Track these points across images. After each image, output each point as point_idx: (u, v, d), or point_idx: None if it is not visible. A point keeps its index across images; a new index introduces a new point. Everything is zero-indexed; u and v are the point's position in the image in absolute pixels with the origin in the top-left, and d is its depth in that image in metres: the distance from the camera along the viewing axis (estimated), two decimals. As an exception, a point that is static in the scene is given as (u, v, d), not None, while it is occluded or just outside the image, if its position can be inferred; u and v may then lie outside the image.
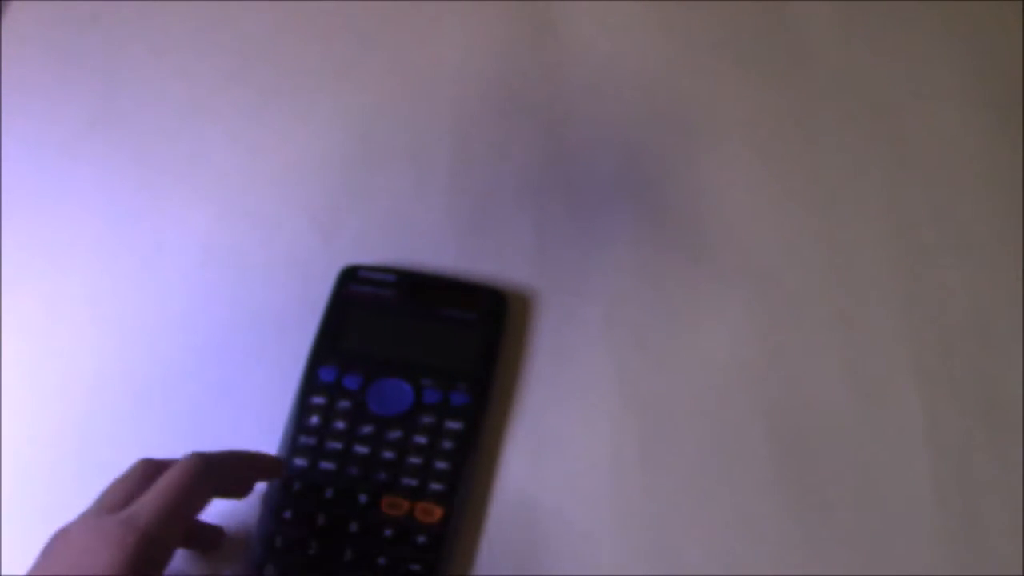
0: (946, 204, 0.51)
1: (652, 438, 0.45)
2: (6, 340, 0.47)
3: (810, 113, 0.54)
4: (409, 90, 0.55)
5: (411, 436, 0.43)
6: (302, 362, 0.45)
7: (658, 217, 0.51)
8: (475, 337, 0.46)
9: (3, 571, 0.41)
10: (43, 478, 0.44)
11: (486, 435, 0.44)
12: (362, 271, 0.47)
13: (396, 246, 0.50)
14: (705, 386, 0.46)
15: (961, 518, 0.43)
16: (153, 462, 0.37)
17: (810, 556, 0.42)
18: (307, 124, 0.53)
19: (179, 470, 0.36)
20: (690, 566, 0.42)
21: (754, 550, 0.42)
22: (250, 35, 0.56)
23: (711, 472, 0.44)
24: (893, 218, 0.51)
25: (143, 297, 0.48)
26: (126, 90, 0.54)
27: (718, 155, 0.53)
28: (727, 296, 0.48)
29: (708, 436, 0.45)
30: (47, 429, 0.45)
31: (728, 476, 0.44)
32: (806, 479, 0.44)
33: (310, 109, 0.54)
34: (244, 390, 0.46)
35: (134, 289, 0.48)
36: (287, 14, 0.57)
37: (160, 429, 0.45)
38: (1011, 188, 0.51)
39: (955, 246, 0.50)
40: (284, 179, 0.52)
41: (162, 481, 0.35)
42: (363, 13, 0.57)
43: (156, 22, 0.57)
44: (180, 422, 0.45)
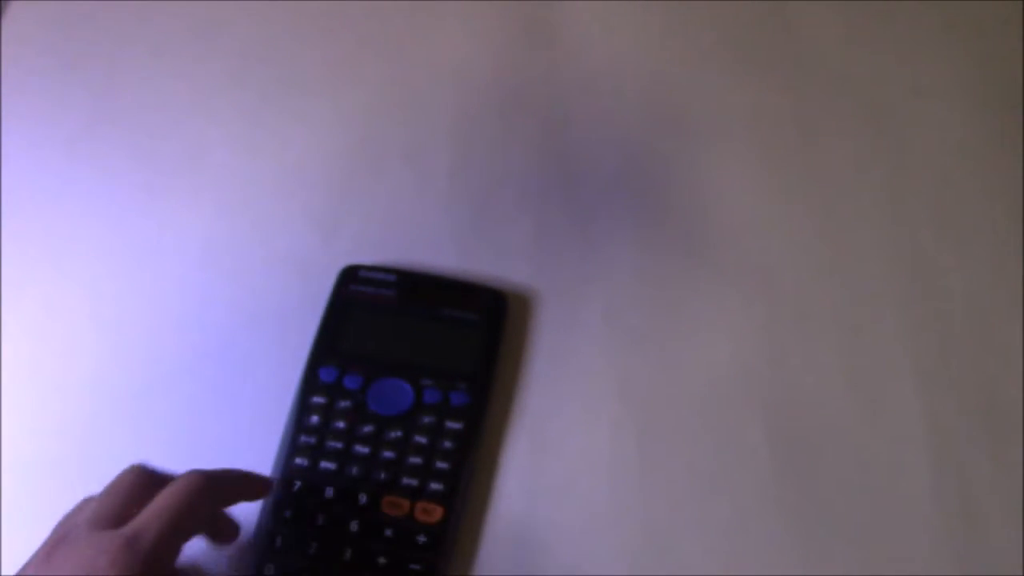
0: (946, 204, 0.51)
1: (652, 438, 0.45)
2: (6, 340, 0.47)
3: (810, 113, 0.54)
4: (409, 90, 0.55)
5: (411, 436, 0.43)
6: (302, 362, 0.45)
7: (658, 217, 0.51)
8: (475, 337, 0.46)
9: (3, 571, 0.41)
10: (43, 478, 0.43)
11: (486, 435, 0.44)
12: (362, 271, 0.47)
13: (396, 246, 0.50)
14: (705, 386, 0.46)
15: (961, 518, 0.43)
16: (146, 471, 0.37)
17: (810, 556, 0.42)
18: (307, 124, 0.54)
19: (181, 488, 0.35)
20: (690, 566, 0.42)
21: (754, 550, 0.42)
22: (250, 35, 0.56)
23: (711, 472, 0.44)
24: (893, 218, 0.51)
25: (143, 297, 0.48)
26: (126, 90, 0.55)
27: (718, 155, 0.53)
28: (727, 296, 0.48)
29: (708, 436, 0.45)
30: (47, 429, 0.45)
31: (728, 476, 0.44)
32: (806, 479, 0.44)
33: (310, 109, 0.54)
34: (244, 390, 0.46)
35: (134, 289, 0.48)
36: (287, 15, 0.57)
37: (160, 429, 0.45)
38: (1011, 188, 0.51)
39: (955, 246, 0.50)
40: (284, 179, 0.52)
41: (164, 499, 0.35)
42: (363, 13, 0.57)
43: (156, 22, 0.57)
44: (180, 421, 0.45)
